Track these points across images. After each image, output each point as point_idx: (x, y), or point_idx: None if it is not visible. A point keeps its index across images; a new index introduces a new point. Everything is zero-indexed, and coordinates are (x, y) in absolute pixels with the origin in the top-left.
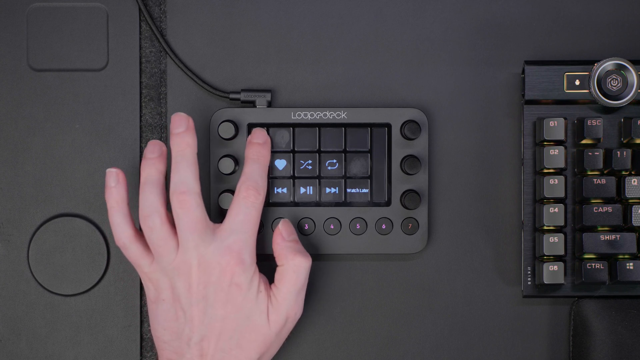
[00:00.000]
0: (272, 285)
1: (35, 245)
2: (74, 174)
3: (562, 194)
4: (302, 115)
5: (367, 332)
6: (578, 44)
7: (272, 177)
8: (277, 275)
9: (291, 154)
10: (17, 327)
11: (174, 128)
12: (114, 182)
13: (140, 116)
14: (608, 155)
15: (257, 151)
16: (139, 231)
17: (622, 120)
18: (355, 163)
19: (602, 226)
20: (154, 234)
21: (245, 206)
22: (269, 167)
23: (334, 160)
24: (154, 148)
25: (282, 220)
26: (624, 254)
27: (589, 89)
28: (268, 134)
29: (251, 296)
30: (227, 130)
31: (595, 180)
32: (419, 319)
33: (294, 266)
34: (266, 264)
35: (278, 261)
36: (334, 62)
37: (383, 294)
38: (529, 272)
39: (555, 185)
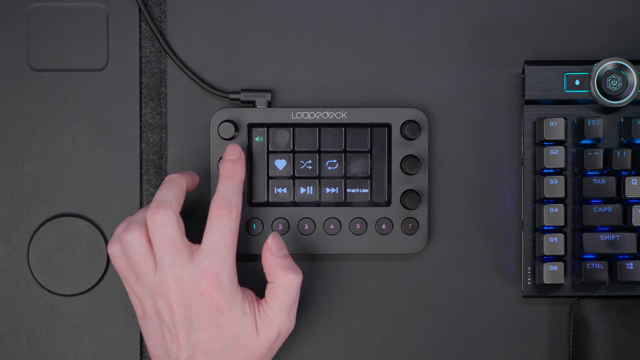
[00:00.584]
0: (263, 301)
1: (35, 245)
2: (74, 174)
3: (562, 194)
4: (302, 115)
5: (367, 332)
6: (578, 44)
7: (272, 177)
8: (267, 292)
9: (291, 154)
10: (17, 327)
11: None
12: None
13: (140, 116)
14: (608, 155)
15: (230, 168)
16: None
17: (622, 120)
18: (355, 163)
19: (602, 226)
20: (131, 249)
21: (218, 226)
22: (268, 167)
23: (334, 160)
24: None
25: (271, 234)
26: (624, 254)
27: (589, 89)
28: (268, 134)
29: (235, 318)
30: (227, 130)
31: (595, 180)
32: (419, 319)
33: (284, 283)
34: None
35: (268, 278)
36: (334, 62)
37: (383, 294)
38: (529, 272)
39: (555, 185)
